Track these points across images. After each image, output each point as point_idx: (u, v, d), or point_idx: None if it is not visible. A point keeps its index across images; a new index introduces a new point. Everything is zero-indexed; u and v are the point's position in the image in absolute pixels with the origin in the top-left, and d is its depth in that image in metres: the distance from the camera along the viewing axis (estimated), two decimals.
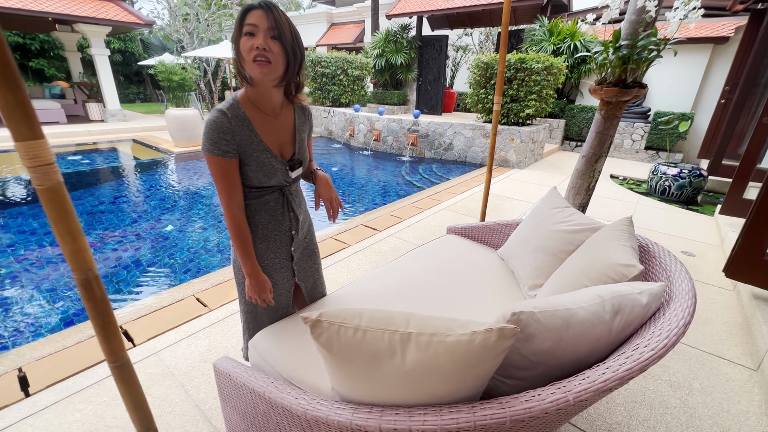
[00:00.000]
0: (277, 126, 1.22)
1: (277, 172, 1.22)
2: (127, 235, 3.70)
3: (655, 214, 4.33)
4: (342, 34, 15.70)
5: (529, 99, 6.20)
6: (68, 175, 5.76)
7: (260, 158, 1.16)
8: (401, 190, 5.51)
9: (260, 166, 1.17)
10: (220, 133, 1.08)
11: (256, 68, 1.05)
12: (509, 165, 6.57)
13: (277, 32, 1.05)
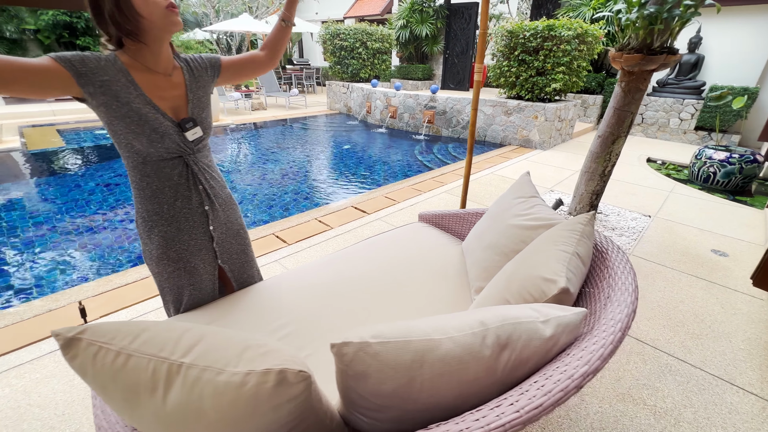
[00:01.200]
0: (168, 85, 1.06)
1: (167, 129, 1.04)
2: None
3: (689, 205, 3.78)
4: (369, 5, 15.05)
5: (556, 72, 5.58)
6: (96, 148, 6.02)
7: (142, 111, 0.99)
8: (410, 171, 5.23)
9: (145, 121, 0.99)
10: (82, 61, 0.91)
11: (173, 16, 0.95)
12: (531, 145, 6.04)
13: None
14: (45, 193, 4.18)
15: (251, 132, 7.63)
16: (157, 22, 0.93)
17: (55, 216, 3.55)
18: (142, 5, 0.90)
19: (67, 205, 3.81)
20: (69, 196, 4.07)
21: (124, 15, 0.91)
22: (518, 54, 5.82)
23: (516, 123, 6.12)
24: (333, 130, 7.92)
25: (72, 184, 4.42)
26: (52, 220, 3.46)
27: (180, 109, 1.09)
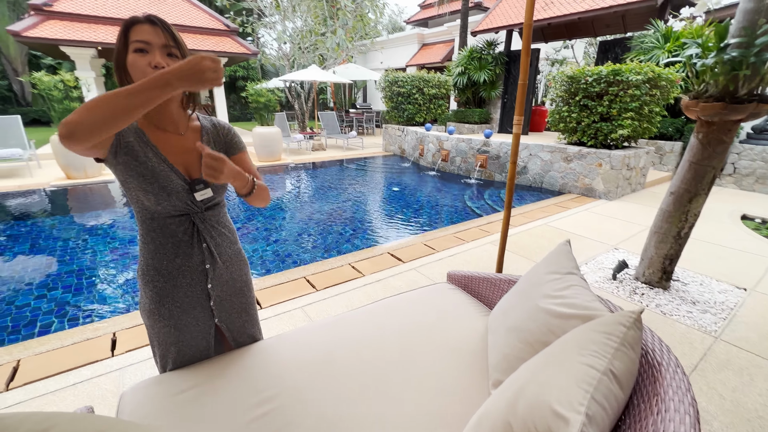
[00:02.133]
0: (182, 145, 1.09)
1: (176, 188, 1.05)
2: None
3: None
4: (432, 53, 15.74)
5: (623, 118, 5.15)
6: None
7: (157, 169, 1.02)
8: (457, 217, 5.03)
9: (154, 178, 1.01)
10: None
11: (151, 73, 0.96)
12: (594, 194, 5.52)
13: (177, 49, 1.01)
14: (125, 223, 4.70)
15: (308, 171, 8.06)
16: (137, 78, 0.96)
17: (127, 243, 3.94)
18: (131, 69, 0.96)
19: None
20: None
21: (122, 77, 0.98)
22: (580, 99, 5.51)
23: (577, 170, 5.68)
24: (385, 172, 8.06)
25: None
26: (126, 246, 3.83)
27: (193, 168, 1.11)
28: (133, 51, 0.95)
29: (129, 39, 0.96)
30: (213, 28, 11.41)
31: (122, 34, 0.97)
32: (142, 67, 0.95)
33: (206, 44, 10.92)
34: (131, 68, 0.96)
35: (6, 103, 18.06)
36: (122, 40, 0.97)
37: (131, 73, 0.97)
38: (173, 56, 0.99)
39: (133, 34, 0.95)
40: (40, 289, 2.99)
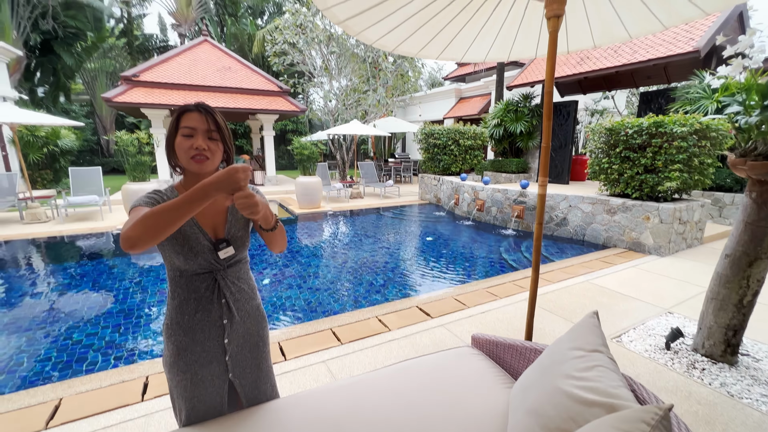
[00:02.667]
0: (212, 207, 1.22)
1: (203, 248, 1.17)
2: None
3: None
4: (469, 106, 16.28)
5: (670, 170, 4.89)
6: None
7: (186, 231, 1.15)
8: (492, 269, 4.88)
9: (186, 240, 1.14)
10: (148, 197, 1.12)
11: (195, 164, 1.13)
12: (643, 249, 5.13)
13: (218, 134, 1.16)
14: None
15: (346, 219, 8.32)
16: (185, 164, 1.14)
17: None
18: (177, 149, 1.13)
19: None
20: None
21: (170, 154, 1.17)
22: (620, 151, 5.35)
23: (622, 223, 5.37)
24: (420, 220, 8.11)
25: None
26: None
27: (219, 228, 1.23)
28: (181, 134, 1.11)
29: (180, 124, 1.12)
30: (268, 89, 12.75)
31: (175, 120, 1.14)
32: (186, 148, 1.11)
33: (262, 103, 12.16)
34: (177, 148, 1.12)
35: (93, 155, 20.92)
36: (174, 125, 1.14)
37: (177, 152, 1.13)
38: (213, 139, 1.15)
39: (183, 120, 1.12)
40: (94, 326, 3.24)
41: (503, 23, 2.53)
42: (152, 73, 11.36)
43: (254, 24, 23.82)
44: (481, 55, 2.89)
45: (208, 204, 1.18)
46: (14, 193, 7.41)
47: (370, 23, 2.30)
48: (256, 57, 22.71)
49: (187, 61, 12.41)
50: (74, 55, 17.19)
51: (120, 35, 22.32)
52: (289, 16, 11.85)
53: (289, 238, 6.65)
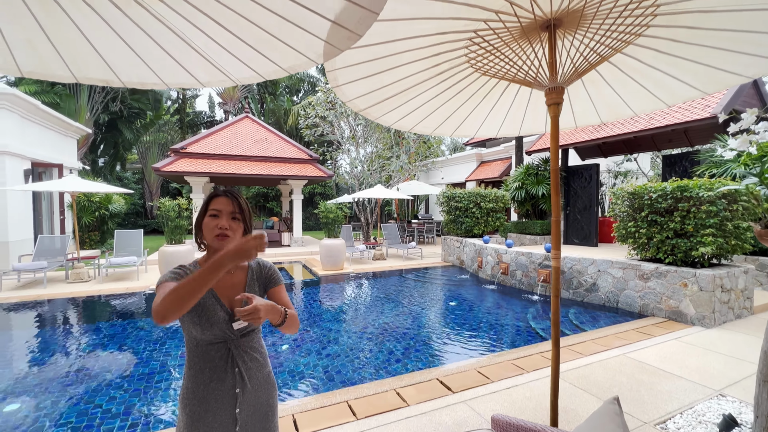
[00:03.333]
0: (231, 281, 1.34)
1: (219, 320, 1.25)
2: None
3: None
4: (490, 170, 16.70)
5: (702, 234, 4.71)
6: None
7: (205, 302, 1.25)
8: (519, 339, 4.64)
9: (204, 311, 1.23)
10: (173, 272, 1.24)
11: (217, 242, 1.26)
12: (685, 320, 4.75)
13: (241, 215, 1.31)
14: None
15: (368, 281, 8.32)
16: (209, 241, 1.28)
17: None
18: (204, 228, 1.28)
19: None
20: None
21: (197, 232, 1.32)
22: (646, 215, 5.25)
23: (657, 290, 5.06)
24: (443, 283, 7.98)
25: None
26: None
27: (236, 301, 1.30)
28: (209, 215, 1.27)
29: (209, 206, 1.28)
30: (299, 157, 13.78)
31: (205, 203, 1.31)
32: (212, 227, 1.25)
33: (293, 170, 13.08)
34: (204, 227, 1.28)
35: (138, 217, 22.61)
36: (204, 207, 1.30)
37: (204, 230, 1.28)
38: (236, 219, 1.30)
39: (212, 203, 1.28)
40: (116, 389, 3.29)
41: (511, 105, 2.76)
42: (198, 145, 12.65)
43: (290, 100, 26.50)
44: (492, 131, 3.11)
45: (226, 277, 1.33)
46: (64, 254, 8.04)
47: (388, 110, 2.58)
48: (290, 129, 24.83)
49: (229, 134, 13.79)
50: (134, 130, 19.54)
51: (174, 113, 25.34)
52: (321, 94, 13.20)
53: (311, 300, 6.68)
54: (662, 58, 2.05)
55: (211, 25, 1.65)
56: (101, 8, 1.60)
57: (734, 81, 2.14)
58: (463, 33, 1.89)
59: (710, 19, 1.73)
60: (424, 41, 1.92)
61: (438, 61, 2.13)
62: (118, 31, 1.73)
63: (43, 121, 10.19)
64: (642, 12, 1.69)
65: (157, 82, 2.12)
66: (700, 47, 1.92)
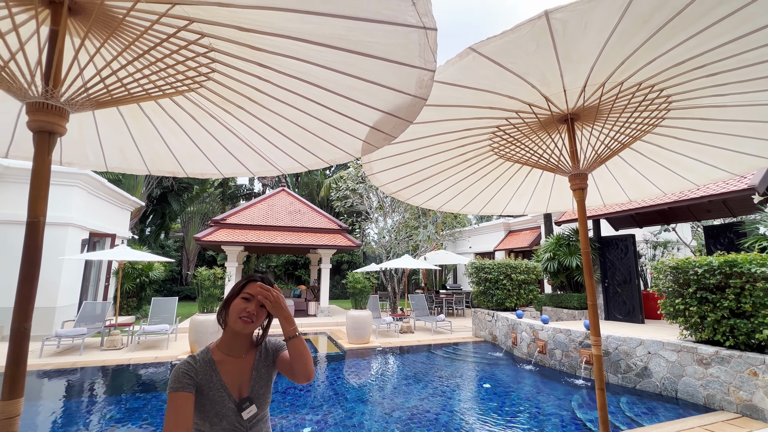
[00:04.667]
0: (240, 366, 1.35)
1: (228, 411, 1.25)
2: None
3: None
4: (518, 239, 16.45)
5: (764, 314, 4.29)
6: None
7: (214, 396, 1.25)
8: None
9: (212, 405, 1.24)
10: (183, 375, 1.23)
11: (240, 323, 1.31)
12: (762, 417, 4.11)
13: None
14: None
15: (395, 356, 7.93)
16: (232, 322, 1.32)
17: None
18: (231, 309, 1.32)
19: None
20: None
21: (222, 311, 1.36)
22: (694, 291, 4.90)
23: (722, 379, 4.49)
24: (475, 362, 7.46)
25: None
26: None
27: (243, 386, 1.32)
28: (241, 297, 1.32)
29: (243, 289, 1.34)
30: (329, 228, 14.30)
31: (241, 285, 1.36)
32: (240, 309, 1.30)
33: (323, 240, 13.51)
34: (232, 308, 1.32)
35: (173, 283, 23.41)
36: (239, 288, 1.35)
37: (231, 310, 1.32)
38: (262, 307, 1.33)
39: (248, 287, 1.34)
40: None
41: (536, 185, 2.88)
42: (237, 216, 13.51)
43: (323, 174, 28.33)
44: (519, 209, 3.20)
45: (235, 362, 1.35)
46: (103, 320, 8.35)
47: (417, 192, 2.76)
48: (321, 200, 26.17)
49: (266, 206, 14.71)
50: (181, 203, 21.28)
51: (218, 186, 27.58)
52: (353, 169, 14.10)
53: (335, 377, 6.40)
54: (683, 144, 2.14)
55: (265, 128, 1.94)
56: (178, 116, 1.93)
57: (761, 164, 2.17)
58: (486, 128, 2.09)
59: (723, 112, 1.84)
60: (451, 136, 2.13)
61: (464, 151, 2.32)
62: (188, 133, 2.06)
63: (105, 196, 11.40)
64: (656, 106, 1.83)
65: (215, 172, 2.43)
66: (718, 135, 2.01)
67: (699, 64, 1.52)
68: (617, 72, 1.61)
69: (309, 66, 1.33)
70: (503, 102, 1.82)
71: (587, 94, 1.76)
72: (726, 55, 1.44)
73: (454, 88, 1.56)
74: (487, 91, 1.66)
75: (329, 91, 1.46)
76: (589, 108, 1.95)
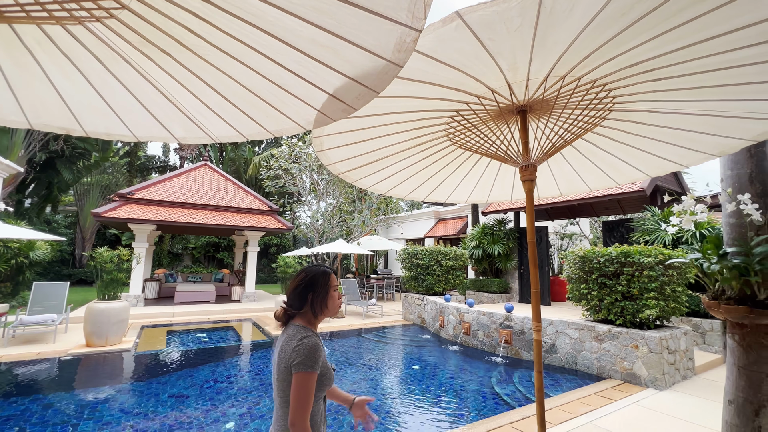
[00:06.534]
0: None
1: (332, 375, 1.51)
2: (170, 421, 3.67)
3: None
4: (447, 227, 17.31)
5: (646, 297, 5.08)
6: (196, 351, 6.61)
7: (328, 365, 1.49)
8: (485, 407, 4.46)
9: (328, 373, 1.47)
10: (317, 351, 1.38)
11: (336, 310, 1.58)
12: (639, 382, 4.90)
13: None
14: (125, 399, 4.39)
15: (325, 342, 7.80)
16: (331, 310, 1.54)
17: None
18: (330, 301, 1.52)
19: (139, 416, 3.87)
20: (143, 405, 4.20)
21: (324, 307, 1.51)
22: (596, 277, 5.61)
23: (612, 352, 5.25)
24: (404, 344, 7.69)
25: (151, 391, 4.65)
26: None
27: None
28: (333, 290, 1.54)
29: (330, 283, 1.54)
30: (258, 208, 13.40)
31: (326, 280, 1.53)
32: (336, 298, 1.55)
33: (251, 221, 12.60)
34: (330, 299, 1.52)
35: (63, 265, 19.94)
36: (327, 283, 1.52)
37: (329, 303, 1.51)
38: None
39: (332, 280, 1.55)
40: None
41: (482, 174, 2.93)
42: (148, 191, 11.90)
43: (251, 150, 26.41)
44: (463, 197, 3.24)
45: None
46: None
47: (366, 174, 2.61)
48: (249, 178, 24.46)
49: (185, 181, 13.21)
50: (74, 171, 18.07)
51: (123, 155, 24.04)
52: (286, 147, 13.32)
53: (263, 366, 6.07)
54: (616, 145, 2.32)
55: (197, 83, 1.60)
56: (77, 55, 1.50)
57: (672, 168, 2.46)
58: (446, 111, 2.01)
59: (654, 118, 2.01)
60: (409, 116, 2.02)
61: (420, 134, 2.23)
62: (90, 80, 1.62)
63: None
64: (603, 106, 1.92)
65: (126, 134, 1.99)
66: (646, 139, 2.20)
67: (648, 68, 1.61)
68: (579, 66, 1.63)
69: (266, 7, 1.07)
70: (469, 84, 1.75)
71: (548, 85, 1.77)
72: (673, 62, 1.54)
73: (428, 60, 1.43)
74: (458, 69, 1.56)
75: (287, 44, 1.22)
76: (544, 100, 1.98)
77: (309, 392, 1.30)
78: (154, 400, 4.42)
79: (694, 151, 2.22)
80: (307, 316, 1.49)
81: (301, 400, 1.29)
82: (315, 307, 1.48)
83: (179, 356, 6.45)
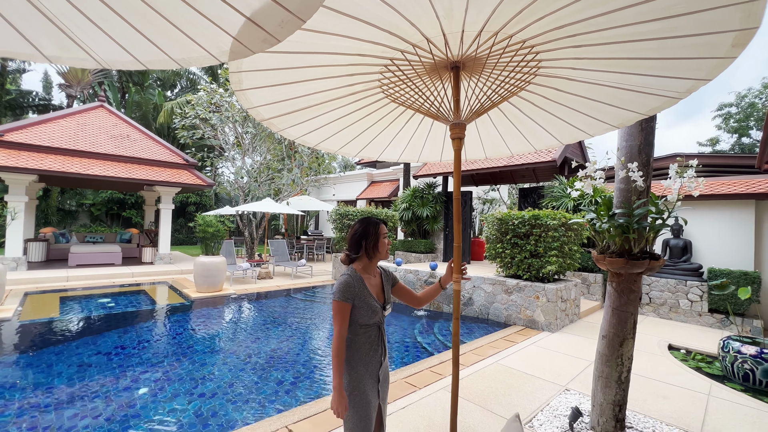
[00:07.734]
0: (374, 282, 1.91)
1: (378, 310, 1.82)
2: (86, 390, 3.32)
3: (738, 416, 3.15)
4: (380, 189, 17.50)
5: (549, 255, 5.79)
6: (100, 317, 5.88)
7: (368, 301, 1.78)
8: (408, 356, 4.80)
9: (369, 307, 1.77)
10: (348, 287, 1.74)
11: (386, 253, 1.91)
12: (537, 326, 5.70)
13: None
14: (8, 371, 3.80)
15: (251, 303, 7.58)
16: (382, 254, 1.88)
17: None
18: (380, 246, 1.87)
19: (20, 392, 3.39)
20: (29, 378, 3.68)
21: (376, 251, 1.87)
22: (510, 238, 6.20)
23: (518, 302, 5.97)
24: (330, 302, 7.83)
25: (42, 363, 4.09)
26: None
27: (379, 296, 1.89)
28: (383, 237, 1.88)
29: (380, 231, 1.88)
30: (172, 161, 11.97)
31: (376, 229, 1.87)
32: (386, 244, 1.90)
33: (163, 175, 11.23)
34: (381, 245, 1.87)
35: None
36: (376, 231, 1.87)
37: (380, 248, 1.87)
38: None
39: (382, 228, 1.89)
40: None
41: (414, 133, 2.91)
42: (25, 133, 9.80)
43: (162, 95, 23.10)
44: (395, 156, 3.22)
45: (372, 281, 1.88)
46: None
47: (294, 123, 2.41)
48: (160, 127, 21.58)
49: (74, 124, 11.13)
50: None
51: None
52: (204, 94, 11.84)
53: (180, 330, 5.71)
54: (537, 111, 2.45)
55: None
56: None
57: (581, 136, 2.70)
58: (380, 58, 1.90)
59: (572, 86, 2.14)
60: (340, 59, 1.86)
61: (352, 82, 2.09)
62: None
63: None
64: (528, 69, 1.98)
65: None
66: (562, 106, 2.36)
67: (572, 33, 1.67)
68: (511, 23, 1.63)
69: None
70: (405, 30, 1.65)
71: (482, 40, 1.76)
72: (592, 29, 1.61)
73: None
74: (393, 8, 1.45)
75: None
76: (476, 58, 1.97)
77: (340, 316, 1.69)
78: (47, 372, 3.91)
79: (599, 121, 2.45)
80: (363, 260, 1.85)
81: (336, 323, 1.70)
82: (369, 252, 1.84)
83: (78, 323, 5.74)
